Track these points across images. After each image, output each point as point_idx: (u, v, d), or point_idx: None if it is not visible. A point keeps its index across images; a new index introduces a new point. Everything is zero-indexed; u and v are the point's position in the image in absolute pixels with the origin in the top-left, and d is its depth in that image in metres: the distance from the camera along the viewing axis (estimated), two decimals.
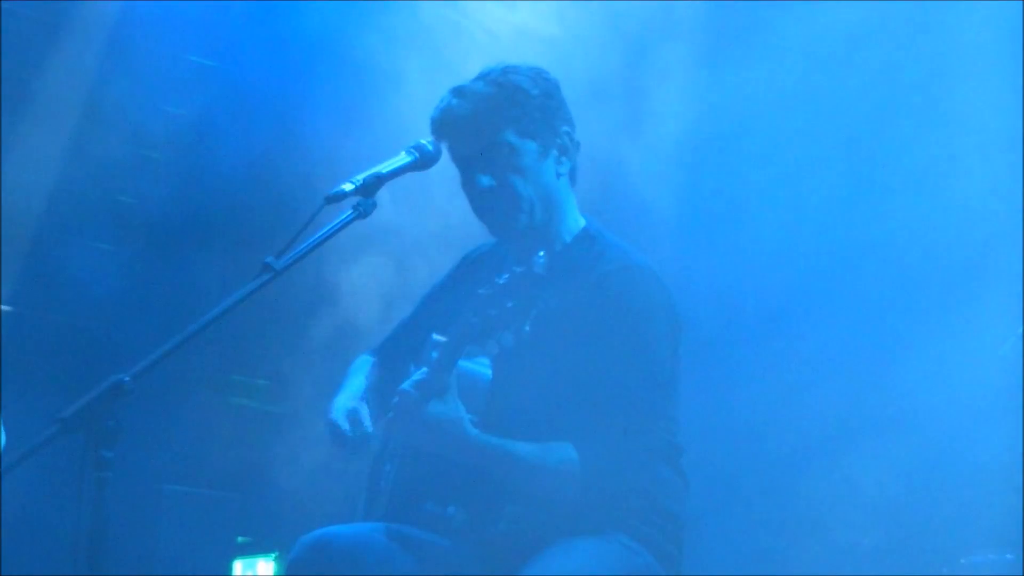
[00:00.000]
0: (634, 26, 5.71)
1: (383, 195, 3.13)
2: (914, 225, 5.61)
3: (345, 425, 3.33)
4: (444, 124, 3.35)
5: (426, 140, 3.31)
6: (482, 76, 3.40)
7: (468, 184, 3.39)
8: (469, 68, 3.52)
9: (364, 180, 3.09)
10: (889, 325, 5.63)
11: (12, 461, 2.57)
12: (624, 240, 3.45)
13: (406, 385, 3.11)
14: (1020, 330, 4.97)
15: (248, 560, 6.08)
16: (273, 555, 5.99)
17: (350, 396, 3.46)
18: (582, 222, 3.45)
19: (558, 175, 3.39)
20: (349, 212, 3.05)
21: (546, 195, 3.36)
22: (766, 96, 5.76)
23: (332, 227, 3.01)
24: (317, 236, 2.97)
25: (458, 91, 3.38)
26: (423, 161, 3.28)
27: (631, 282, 3.27)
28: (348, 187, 3.06)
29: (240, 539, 6.17)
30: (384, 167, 3.17)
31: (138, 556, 5.67)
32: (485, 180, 3.33)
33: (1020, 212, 5.34)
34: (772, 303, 5.73)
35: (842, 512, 5.50)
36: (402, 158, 3.24)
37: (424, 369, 3.13)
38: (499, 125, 3.31)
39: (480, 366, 3.33)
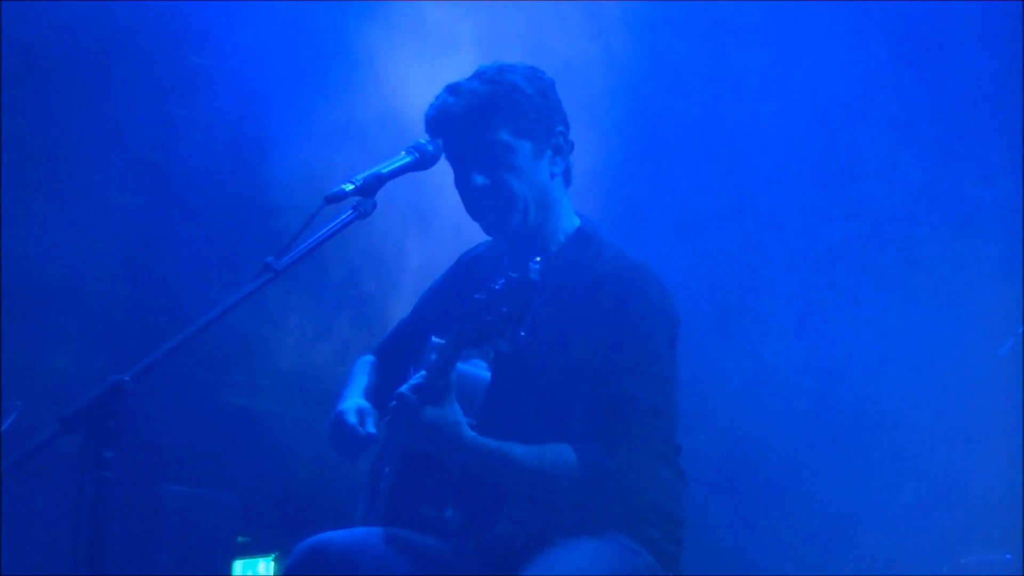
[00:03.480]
0: (632, 23, 5.70)
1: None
2: (914, 224, 5.61)
3: (352, 419, 3.32)
4: (439, 122, 3.34)
5: (426, 140, 3.31)
6: (478, 74, 3.40)
7: (462, 182, 3.38)
8: (468, 68, 3.51)
9: (364, 180, 3.09)
10: (888, 325, 5.63)
11: (12, 461, 2.57)
12: (620, 238, 3.44)
13: (403, 388, 3.10)
14: (1020, 330, 4.97)
15: (248, 560, 6.08)
16: (273, 555, 5.99)
17: (356, 395, 3.46)
18: (576, 222, 3.44)
19: (552, 175, 3.39)
20: (349, 212, 3.05)
21: (540, 194, 3.36)
22: (765, 95, 5.76)
23: (332, 227, 3.01)
24: (317, 236, 2.97)
25: (453, 88, 3.37)
26: (423, 161, 3.28)
27: (627, 282, 3.27)
28: (348, 187, 3.06)
29: (240, 539, 6.17)
30: (384, 167, 3.17)
31: (138, 556, 5.67)
32: (479, 178, 3.33)
33: (1020, 212, 5.35)
34: (771, 302, 5.73)
35: (842, 512, 5.50)
36: (402, 158, 3.23)
37: (422, 372, 3.13)
38: (494, 123, 3.31)
39: (478, 369, 3.33)
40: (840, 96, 5.71)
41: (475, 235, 3.55)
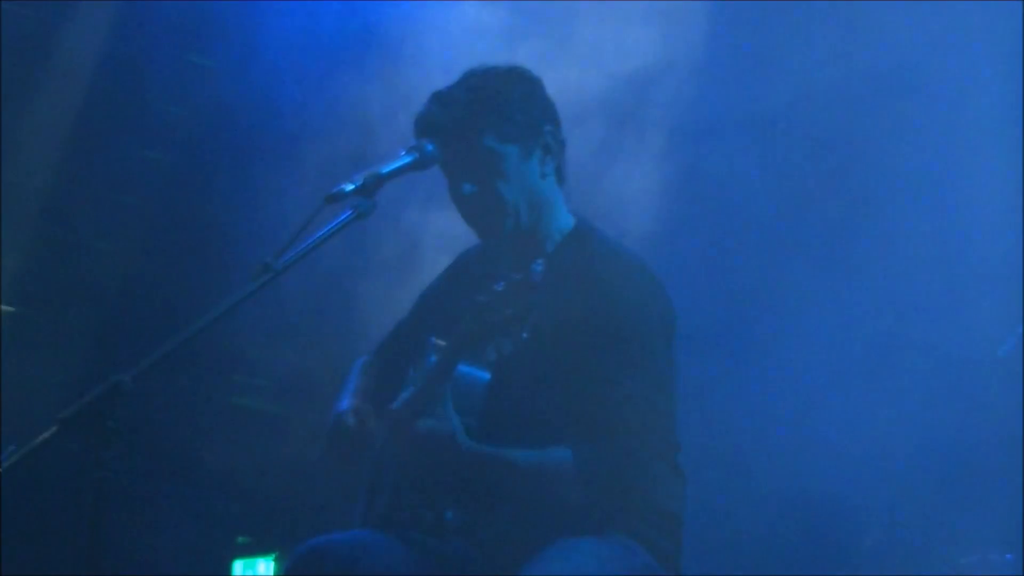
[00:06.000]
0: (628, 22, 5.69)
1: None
2: (913, 224, 5.61)
3: (353, 421, 3.34)
4: (426, 130, 3.34)
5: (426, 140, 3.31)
6: (462, 80, 3.39)
7: (453, 189, 3.39)
8: (465, 67, 3.50)
9: (364, 180, 3.09)
10: (888, 324, 5.63)
11: (12, 461, 2.57)
12: (615, 236, 3.44)
13: (396, 403, 3.10)
14: (1020, 330, 4.97)
15: (248, 560, 6.08)
16: (273, 555, 5.99)
17: (353, 397, 3.46)
18: (572, 221, 3.44)
19: (543, 175, 3.38)
20: (349, 212, 3.05)
21: (531, 197, 3.35)
22: (762, 93, 5.75)
23: (332, 227, 3.01)
24: (317, 236, 2.97)
25: (438, 97, 3.37)
26: (423, 161, 3.28)
27: (625, 280, 3.27)
28: (348, 187, 3.07)
29: (240, 539, 6.17)
30: (384, 167, 3.17)
31: (138, 556, 5.68)
32: (468, 186, 3.33)
33: (1020, 212, 5.35)
34: (769, 300, 5.72)
35: (842, 512, 5.50)
36: (402, 158, 3.24)
37: (411, 388, 3.13)
38: (479, 130, 3.30)
39: (478, 369, 3.33)
40: (838, 92, 5.70)
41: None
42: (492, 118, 3.30)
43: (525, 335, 2.97)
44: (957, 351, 5.40)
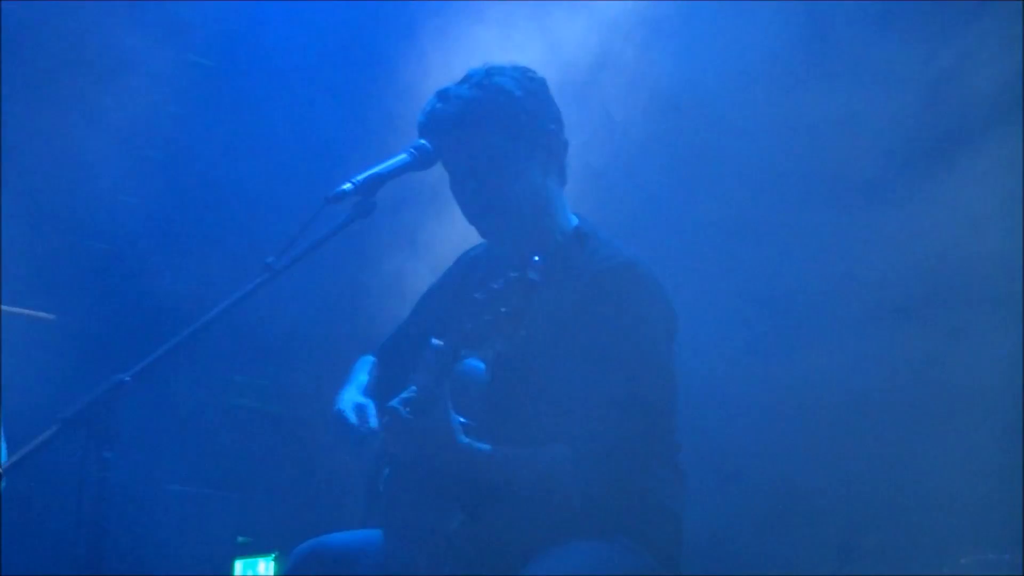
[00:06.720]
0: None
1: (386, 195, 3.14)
2: (912, 222, 5.60)
3: (352, 418, 3.33)
4: (430, 128, 3.35)
5: (426, 140, 3.32)
6: (466, 79, 3.40)
7: (456, 187, 3.40)
8: (465, 65, 3.51)
9: (363, 180, 3.11)
10: (888, 324, 5.63)
11: (12, 461, 2.57)
12: (617, 237, 3.45)
13: (395, 402, 3.11)
14: (1020, 330, 4.97)
15: (248, 560, 6.08)
16: (273, 555, 5.99)
17: (356, 391, 3.46)
18: (574, 221, 3.45)
19: (546, 175, 3.39)
20: (349, 212, 3.06)
21: (533, 196, 3.36)
22: (754, 80, 5.73)
23: (332, 228, 3.02)
24: (317, 236, 2.98)
25: (442, 95, 3.38)
26: (422, 161, 3.29)
27: (625, 280, 3.27)
28: (348, 187, 3.08)
29: (240, 539, 6.17)
30: (383, 167, 3.18)
31: (138, 556, 5.68)
32: (471, 183, 3.34)
33: (1020, 213, 5.34)
34: (769, 299, 5.72)
35: (842, 512, 5.50)
36: (401, 158, 3.25)
37: (413, 388, 3.13)
38: (483, 129, 3.31)
39: (477, 368, 3.33)
40: (834, 77, 5.68)
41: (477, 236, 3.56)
42: (496, 116, 3.31)
43: (522, 333, 2.98)
44: (955, 349, 5.39)
